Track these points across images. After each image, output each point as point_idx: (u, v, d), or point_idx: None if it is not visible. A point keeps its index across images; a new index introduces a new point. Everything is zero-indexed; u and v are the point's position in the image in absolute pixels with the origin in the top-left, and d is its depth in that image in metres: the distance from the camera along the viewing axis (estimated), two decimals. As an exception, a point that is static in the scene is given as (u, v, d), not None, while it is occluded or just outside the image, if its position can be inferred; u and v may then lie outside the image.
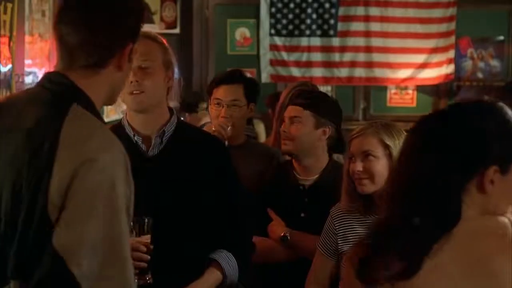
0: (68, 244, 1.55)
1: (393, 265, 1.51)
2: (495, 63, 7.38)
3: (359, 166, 2.59)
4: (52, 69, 1.83)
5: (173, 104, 2.55)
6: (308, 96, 3.08)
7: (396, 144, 2.59)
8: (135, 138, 2.45)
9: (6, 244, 1.62)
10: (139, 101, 2.41)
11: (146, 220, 2.25)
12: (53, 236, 1.56)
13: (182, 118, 4.89)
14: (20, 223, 1.60)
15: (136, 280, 2.20)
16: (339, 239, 2.68)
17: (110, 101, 1.83)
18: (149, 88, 2.40)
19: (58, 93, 1.70)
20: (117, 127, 2.51)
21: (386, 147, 2.58)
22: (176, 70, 2.51)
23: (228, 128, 3.17)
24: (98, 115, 1.72)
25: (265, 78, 7.12)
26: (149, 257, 2.27)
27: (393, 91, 7.44)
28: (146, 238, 2.26)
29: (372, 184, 2.59)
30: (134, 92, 2.39)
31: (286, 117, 3.02)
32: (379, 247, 1.55)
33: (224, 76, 3.35)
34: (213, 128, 3.13)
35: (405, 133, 2.64)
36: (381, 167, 2.58)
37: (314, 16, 7.20)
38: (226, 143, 3.16)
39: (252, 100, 3.32)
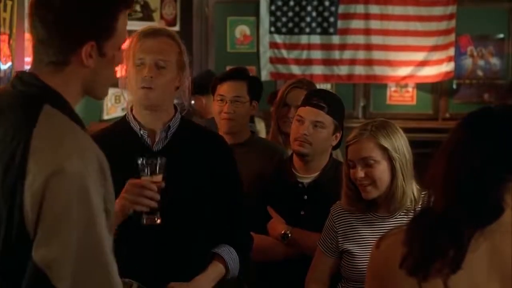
0: (48, 259, 1.52)
1: (435, 257, 1.50)
2: (495, 61, 7.37)
3: (360, 173, 2.57)
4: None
5: (176, 101, 2.59)
6: (328, 100, 3.00)
7: (393, 143, 2.58)
8: (141, 132, 2.48)
9: None
10: (148, 97, 2.44)
11: (158, 160, 2.28)
12: (32, 251, 1.52)
13: (193, 102, 4.83)
14: (1, 241, 1.56)
15: (144, 219, 2.28)
16: (339, 237, 2.67)
17: (94, 96, 1.77)
18: (159, 86, 2.43)
19: (29, 96, 1.65)
20: (121, 122, 2.54)
21: (384, 149, 2.57)
22: (188, 72, 2.55)
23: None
24: (72, 114, 1.66)
25: (264, 76, 7.11)
26: (159, 196, 2.29)
27: (393, 89, 7.43)
28: (158, 178, 2.29)
29: (376, 189, 2.58)
30: (145, 86, 2.42)
31: (306, 119, 2.94)
32: (422, 238, 1.54)
33: (229, 72, 3.44)
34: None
35: (400, 130, 2.63)
36: (381, 170, 2.57)
37: (314, 14, 7.19)
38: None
39: (255, 97, 3.37)
